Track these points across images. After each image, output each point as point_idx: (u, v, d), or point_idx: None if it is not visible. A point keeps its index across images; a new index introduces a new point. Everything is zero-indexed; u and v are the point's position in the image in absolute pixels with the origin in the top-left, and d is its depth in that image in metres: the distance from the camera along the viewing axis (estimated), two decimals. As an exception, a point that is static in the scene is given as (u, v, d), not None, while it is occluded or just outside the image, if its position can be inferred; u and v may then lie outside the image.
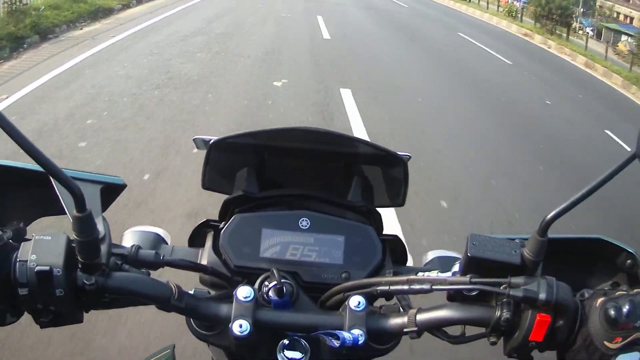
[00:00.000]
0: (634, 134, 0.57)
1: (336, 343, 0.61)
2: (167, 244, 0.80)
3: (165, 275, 0.66)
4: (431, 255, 0.82)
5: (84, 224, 0.59)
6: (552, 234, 0.63)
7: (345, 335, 0.62)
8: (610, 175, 0.57)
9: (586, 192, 0.58)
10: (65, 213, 0.66)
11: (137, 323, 2.37)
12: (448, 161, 5.16)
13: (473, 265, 0.62)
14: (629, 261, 0.72)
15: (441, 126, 6.36)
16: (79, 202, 0.57)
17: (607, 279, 0.75)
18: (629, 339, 0.57)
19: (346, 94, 6.80)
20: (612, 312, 0.57)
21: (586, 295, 0.61)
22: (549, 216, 0.60)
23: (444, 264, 0.78)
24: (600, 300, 0.59)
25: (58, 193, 0.67)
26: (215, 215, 0.80)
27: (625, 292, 0.59)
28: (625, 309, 0.56)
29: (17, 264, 0.58)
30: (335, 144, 0.79)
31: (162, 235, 0.80)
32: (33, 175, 0.71)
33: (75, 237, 0.59)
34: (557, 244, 0.70)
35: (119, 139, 4.61)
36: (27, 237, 0.68)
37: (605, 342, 0.58)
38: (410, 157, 0.85)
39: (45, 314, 0.61)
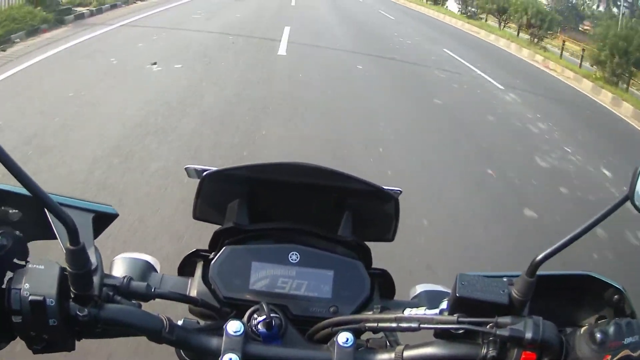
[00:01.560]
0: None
1: None
2: (156, 271, 0.80)
3: (155, 303, 0.66)
4: (419, 289, 0.83)
5: (77, 256, 0.59)
6: (541, 271, 0.64)
7: None
8: (602, 216, 0.58)
9: (577, 234, 0.59)
10: (56, 238, 0.66)
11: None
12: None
13: (461, 304, 0.63)
14: (616, 296, 0.73)
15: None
16: (72, 234, 0.58)
17: (594, 313, 0.76)
18: (618, 357, 0.57)
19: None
20: (598, 335, 0.58)
21: (569, 330, 0.62)
22: (538, 258, 0.61)
23: (431, 299, 0.79)
24: (584, 328, 0.60)
25: (51, 222, 0.67)
26: (204, 246, 0.80)
27: (609, 320, 0.60)
28: (612, 329, 0.58)
29: (12, 291, 0.59)
30: (327, 179, 0.80)
31: (152, 262, 0.81)
32: (25, 199, 0.71)
33: (69, 269, 0.60)
34: (545, 280, 0.72)
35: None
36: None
37: None
38: (401, 192, 0.87)
39: (38, 341, 0.61)
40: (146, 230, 3.28)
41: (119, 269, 0.77)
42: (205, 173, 0.79)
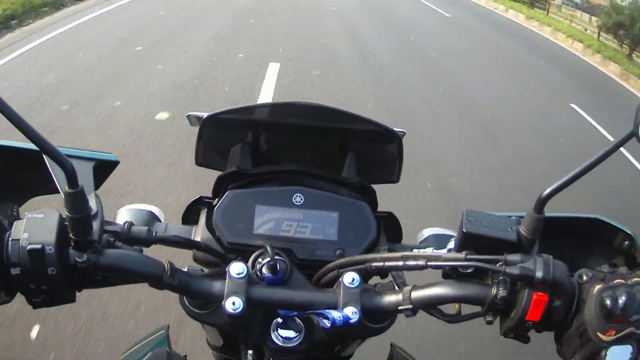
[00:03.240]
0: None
1: (327, 323, 0.61)
2: (160, 221, 0.79)
3: (158, 254, 0.65)
4: (426, 233, 0.82)
5: (76, 200, 0.58)
6: (550, 212, 0.62)
7: (335, 315, 0.61)
8: (607, 152, 0.56)
9: (583, 169, 0.57)
10: (58, 192, 0.65)
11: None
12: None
13: (468, 241, 0.62)
14: (626, 242, 0.72)
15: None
16: (71, 178, 0.56)
17: (605, 261, 0.74)
18: (622, 333, 0.56)
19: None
20: (608, 303, 0.56)
21: (584, 277, 0.60)
22: (545, 193, 0.59)
23: (439, 241, 0.77)
24: (597, 287, 0.58)
25: (50, 170, 0.66)
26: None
27: (623, 282, 0.57)
28: (622, 300, 0.55)
29: (10, 243, 0.57)
30: (330, 119, 0.78)
31: (156, 213, 0.80)
32: (25, 154, 0.70)
33: (67, 213, 0.58)
34: (554, 223, 0.70)
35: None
36: (20, 217, 0.67)
37: (599, 333, 0.57)
38: (405, 133, 0.85)
39: (37, 293, 0.60)
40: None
41: (122, 218, 0.77)
42: (205, 117, 0.77)
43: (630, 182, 5.53)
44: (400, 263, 0.64)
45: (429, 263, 0.62)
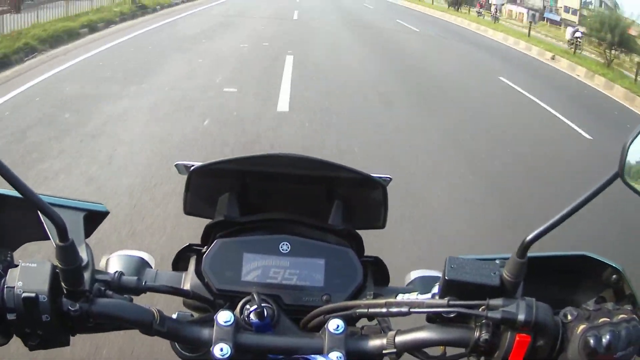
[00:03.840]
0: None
1: None
2: (151, 267, 0.81)
3: (151, 298, 0.66)
4: (413, 275, 0.83)
5: (67, 253, 0.61)
6: (536, 251, 0.63)
7: None
8: (592, 194, 0.57)
9: (567, 213, 0.58)
10: (50, 239, 0.67)
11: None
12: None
13: (452, 287, 0.63)
14: (614, 276, 0.73)
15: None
16: (61, 231, 0.59)
17: (593, 295, 0.75)
18: None
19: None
20: (592, 342, 0.57)
21: (569, 316, 0.61)
22: (528, 238, 0.60)
23: (425, 284, 0.79)
24: (582, 327, 0.59)
25: (42, 220, 0.68)
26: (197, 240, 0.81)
27: (608, 320, 0.59)
28: (605, 340, 0.57)
29: (5, 290, 0.61)
30: (316, 169, 0.81)
31: (147, 259, 0.81)
32: (17, 201, 0.72)
33: (59, 265, 0.61)
34: (540, 261, 0.71)
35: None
36: (14, 262, 0.69)
37: None
38: (390, 179, 0.87)
39: (33, 337, 0.63)
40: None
41: (113, 265, 0.78)
42: (192, 168, 0.80)
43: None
44: (384, 310, 0.65)
45: (411, 310, 0.63)
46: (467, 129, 6.49)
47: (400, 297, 0.68)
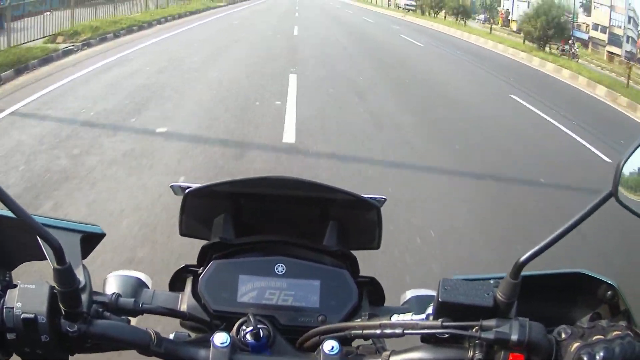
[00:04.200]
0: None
1: None
2: (148, 287, 0.81)
3: (149, 317, 0.67)
4: (409, 294, 0.84)
5: (65, 275, 0.62)
6: (529, 271, 0.63)
7: None
8: (585, 215, 0.58)
9: (560, 234, 0.59)
10: (47, 259, 0.68)
11: None
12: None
13: (445, 309, 0.63)
14: (609, 293, 0.73)
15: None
16: (58, 254, 0.60)
17: (589, 311, 0.75)
18: None
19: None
20: (585, 359, 0.57)
21: (563, 334, 0.61)
22: (522, 259, 0.60)
23: (420, 304, 0.79)
24: (576, 345, 0.59)
25: (40, 242, 0.69)
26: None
27: (602, 337, 0.59)
28: (599, 356, 0.57)
29: (4, 310, 0.62)
30: (310, 190, 0.82)
31: (144, 279, 0.82)
32: (15, 222, 0.72)
33: (57, 287, 0.62)
34: (535, 279, 0.72)
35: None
36: (13, 282, 0.70)
37: None
38: (385, 200, 0.87)
39: (32, 356, 0.64)
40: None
41: (111, 286, 0.79)
42: (187, 190, 0.81)
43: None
44: (379, 331, 0.66)
45: (405, 331, 0.64)
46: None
47: (395, 318, 0.68)
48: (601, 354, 0.57)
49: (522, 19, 20.68)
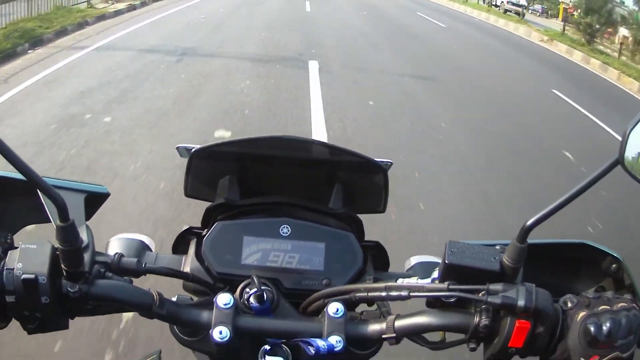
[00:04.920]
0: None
1: (311, 350, 0.63)
2: (151, 251, 0.81)
3: (150, 282, 0.67)
4: (413, 260, 0.84)
5: (67, 233, 0.60)
6: (535, 238, 0.63)
7: (320, 343, 0.63)
8: (592, 181, 0.57)
9: (567, 199, 0.58)
10: (50, 221, 0.67)
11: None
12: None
13: (452, 272, 0.63)
14: (614, 265, 0.73)
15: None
16: (62, 211, 0.59)
17: (593, 284, 0.75)
18: (606, 358, 0.57)
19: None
20: (592, 330, 0.57)
21: (569, 303, 0.61)
22: (528, 223, 0.60)
23: (425, 269, 0.79)
24: (582, 314, 0.59)
25: (43, 202, 0.68)
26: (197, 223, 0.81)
27: (608, 308, 0.59)
28: (606, 327, 0.57)
29: (4, 272, 0.60)
30: (317, 152, 0.81)
31: (147, 242, 0.82)
32: (18, 183, 0.72)
33: (59, 246, 0.61)
34: (540, 248, 0.71)
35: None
36: (14, 244, 0.69)
37: (582, 359, 0.58)
38: (391, 163, 0.86)
39: (31, 320, 0.63)
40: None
41: (113, 248, 0.78)
42: (193, 150, 0.79)
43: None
44: (384, 293, 0.66)
45: (411, 294, 0.64)
46: None
47: (400, 282, 0.68)
48: (608, 324, 0.57)
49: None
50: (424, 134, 5.97)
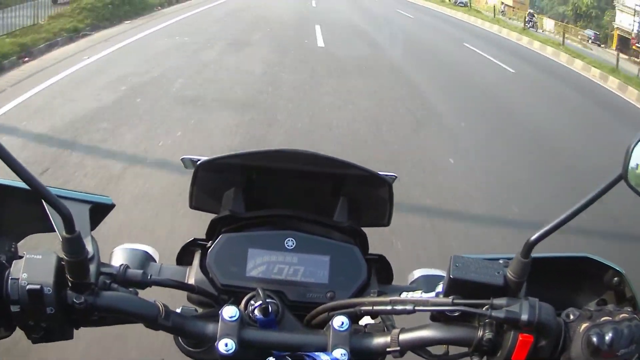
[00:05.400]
0: None
1: None
2: (155, 261, 0.81)
3: (154, 293, 0.67)
4: (417, 274, 0.84)
5: (73, 244, 0.61)
6: (538, 252, 0.64)
7: (324, 358, 0.63)
8: (596, 196, 0.58)
9: (571, 214, 0.59)
10: (55, 231, 0.67)
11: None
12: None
13: (456, 286, 0.63)
14: (615, 279, 0.73)
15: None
16: (68, 223, 0.59)
17: (595, 297, 0.75)
18: None
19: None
20: (594, 340, 0.57)
21: (571, 316, 0.62)
22: (532, 238, 0.60)
23: (429, 283, 0.79)
24: (584, 325, 0.60)
25: (48, 212, 0.68)
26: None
27: (610, 319, 0.59)
28: (608, 337, 0.57)
29: (10, 281, 0.60)
30: (322, 165, 0.81)
31: (151, 253, 0.82)
32: (23, 192, 0.72)
33: (65, 257, 0.61)
34: (543, 263, 0.71)
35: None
36: (18, 254, 0.69)
37: None
38: (396, 177, 0.87)
39: (36, 330, 0.63)
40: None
41: (118, 259, 0.78)
42: (199, 162, 0.80)
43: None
44: (389, 307, 0.66)
45: (416, 307, 0.64)
46: None
47: (405, 295, 0.68)
48: (610, 334, 0.57)
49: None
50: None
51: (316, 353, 0.64)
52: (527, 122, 7.40)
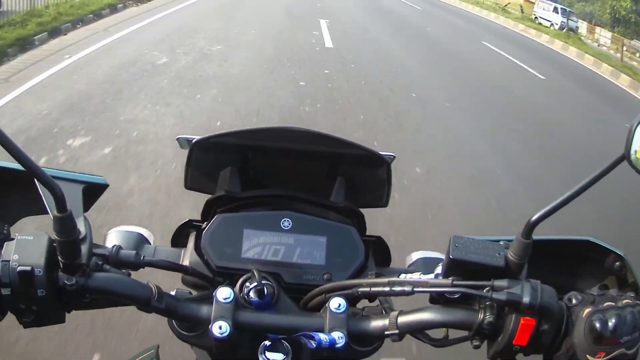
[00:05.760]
0: None
1: (312, 344, 0.62)
2: (150, 244, 0.80)
3: (148, 276, 0.65)
4: (415, 256, 0.82)
5: (65, 224, 0.59)
6: (539, 235, 0.62)
7: (322, 337, 0.62)
8: (597, 176, 0.57)
9: (572, 194, 0.58)
10: (48, 213, 0.66)
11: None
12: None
13: (456, 267, 0.62)
14: (617, 263, 0.72)
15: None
16: (60, 202, 0.57)
17: (596, 282, 0.74)
18: (612, 355, 0.57)
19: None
20: (597, 326, 0.56)
21: (574, 300, 0.61)
22: (533, 218, 0.59)
23: (427, 265, 0.78)
24: (587, 310, 0.59)
25: (41, 193, 0.67)
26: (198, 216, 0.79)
27: (613, 304, 0.58)
28: (611, 323, 0.56)
29: (0, 264, 0.59)
30: (319, 144, 0.79)
31: (146, 235, 0.81)
32: (16, 174, 0.71)
33: (56, 237, 0.59)
34: (543, 245, 0.70)
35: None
36: (10, 236, 0.68)
37: (588, 356, 0.57)
38: (394, 157, 0.85)
39: (27, 313, 0.61)
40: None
41: (112, 241, 0.77)
42: (194, 140, 0.78)
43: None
44: (387, 289, 0.64)
45: (415, 289, 0.62)
46: None
47: (403, 277, 0.67)
48: (613, 320, 0.56)
49: None
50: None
51: (314, 332, 0.63)
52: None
